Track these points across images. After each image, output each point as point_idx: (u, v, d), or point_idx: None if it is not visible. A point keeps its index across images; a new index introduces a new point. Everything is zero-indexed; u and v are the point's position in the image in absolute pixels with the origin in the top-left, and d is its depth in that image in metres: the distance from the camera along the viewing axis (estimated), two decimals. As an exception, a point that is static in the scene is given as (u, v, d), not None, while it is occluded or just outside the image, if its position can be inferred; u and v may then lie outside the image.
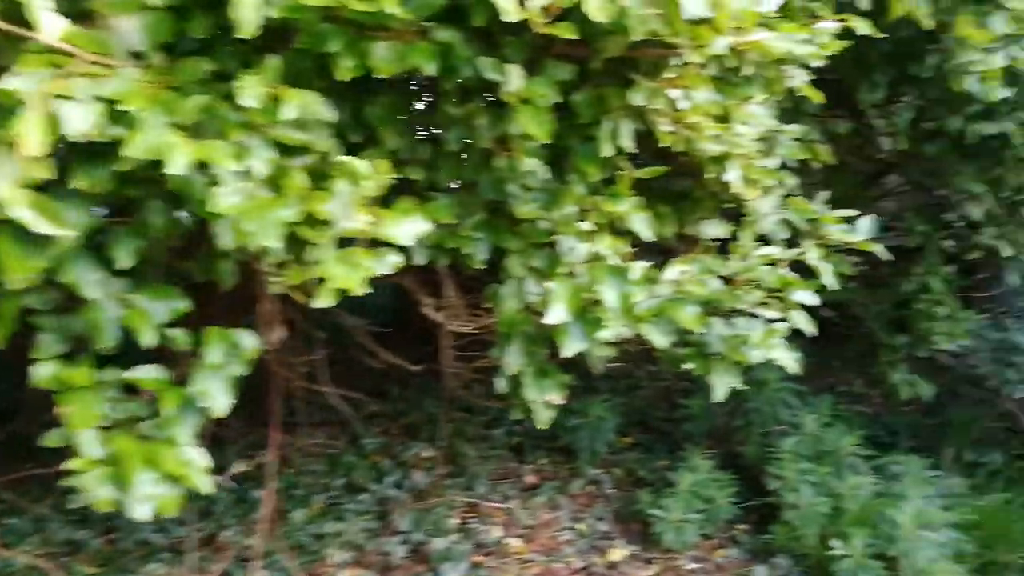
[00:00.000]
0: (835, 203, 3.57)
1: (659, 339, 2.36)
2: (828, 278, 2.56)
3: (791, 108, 3.07)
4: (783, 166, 3.06)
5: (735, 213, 2.94)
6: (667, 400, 5.79)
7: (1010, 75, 3.58)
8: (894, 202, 5.84)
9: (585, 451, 4.76)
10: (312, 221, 1.87)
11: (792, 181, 3.16)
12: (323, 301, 1.83)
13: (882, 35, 2.56)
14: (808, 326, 2.49)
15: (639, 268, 2.40)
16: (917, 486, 3.95)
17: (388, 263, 1.89)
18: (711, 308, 2.51)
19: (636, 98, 2.18)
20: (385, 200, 1.96)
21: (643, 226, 2.33)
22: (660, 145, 2.28)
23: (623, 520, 4.29)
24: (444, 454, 4.71)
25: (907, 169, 4.60)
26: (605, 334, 2.24)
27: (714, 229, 2.72)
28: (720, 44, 2.04)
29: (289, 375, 3.62)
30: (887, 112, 3.70)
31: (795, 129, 2.90)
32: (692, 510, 4.02)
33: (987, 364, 4.87)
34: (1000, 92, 3.01)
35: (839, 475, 4.07)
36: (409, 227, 1.86)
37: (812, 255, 2.56)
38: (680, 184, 2.96)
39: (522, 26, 1.86)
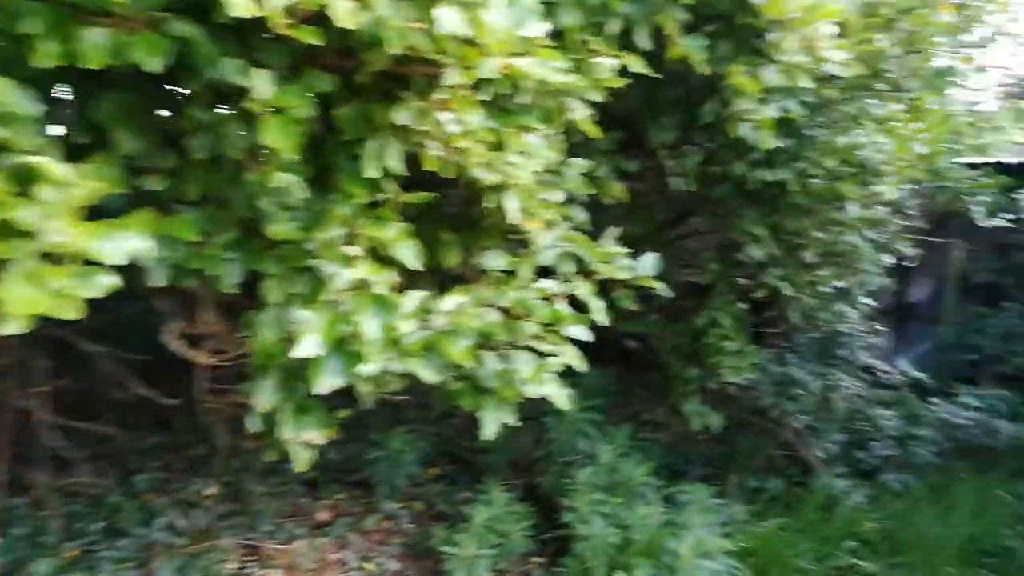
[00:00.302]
0: (638, 240, 3.64)
1: (428, 374, 2.24)
2: (599, 315, 2.53)
3: (581, 143, 3.07)
4: (571, 200, 3.06)
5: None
6: (478, 429, 5.71)
7: (786, 126, 3.82)
8: (698, 241, 6.14)
9: (384, 485, 4.57)
10: (6, 232, 1.59)
11: (582, 216, 3.16)
12: (9, 327, 1.55)
13: (657, 76, 2.61)
14: (578, 362, 2.45)
15: (415, 298, 2.27)
16: (701, 515, 4.06)
17: (98, 285, 1.64)
18: (486, 342, 2.41)
19: (401, 117, 2.06)
20: (124, 212, 1.72)
21: (409, 254, 2.20)
22: (432, 169, 2.17)
23: (417, 557, 4.12)
24: (228, 491, 4.35)
25: (701, 210, 4.80)
26: (367, 368, 2.09)
27: (496, 260, 2.64)
28: (488, 67, 1.96)
29: (29, 404, 3.18)
30: (679, 154, 3.83)
31: (581, 164, 2.89)
32: (486, 545, 3.92)
33: (770, 396, 5.15)
34: (773, 141, 3.16)
35: (630, 506, 4.12)
36: (120, 244, 1.62)
37: (582, 290, 2.53)
38: (470, 212, 2.88)
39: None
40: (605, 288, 2.95)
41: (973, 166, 5.91)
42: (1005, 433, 5.46)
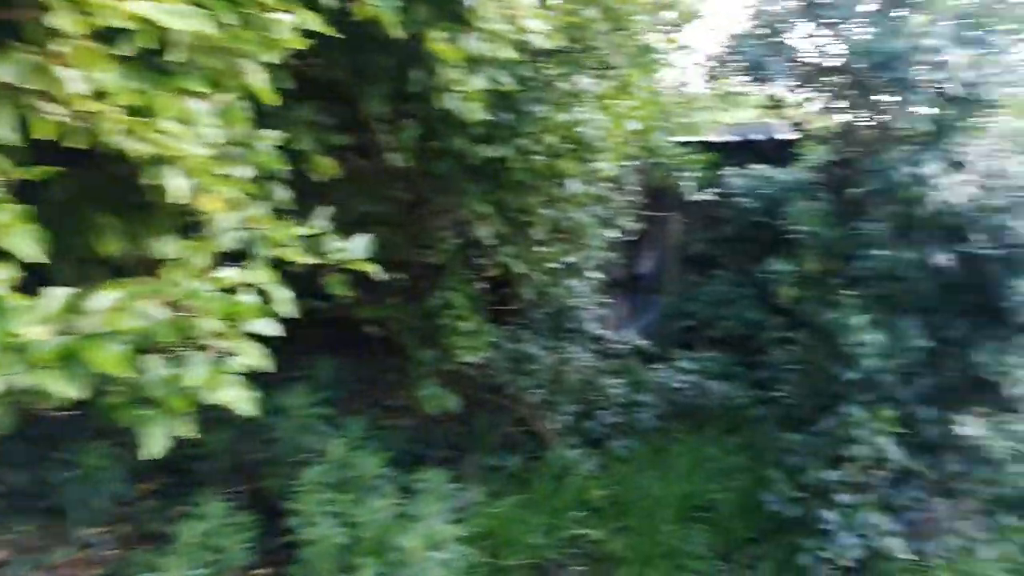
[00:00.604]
0: (374, 220, 3.38)
1: (67, 388, 1.84)
2: (285, 306, 2.25)
3: (279, 114, 2.75)
4: (271, 178, 2.75)
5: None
6: (197, 435, 5.18)
7: (505, 101, 3.76)
8: (435, 221, 6.01)
9: (79, 510, 3.96)
10: None
11: (284, 194, 2.87)
12: None
13: (341, 36, 2.36)
14: (262, 361, 2.15)
15: (54, 297, 1.86)
16: (436, 503, 3.94)
17: None
18: (151, 344, 2.05)
19: (3, 73, 1.63)
20: None
21: (26, 243, 1.77)
22: (47, 136, 1.76)
23: (117, 589, 3.62)
24: None
25: (428, 188, 4.64)
26: (-21, 386, 1.66)
27: (167, 247, 2.27)
28: (109, 12, 1.60)
29: None
30: (395, 127, 3.62)
31: (274, 136, 2.58)
32: (198, 564, 3.51)
33: (505, 373, 5.17)
34: (482, 113, 3.05)
35: (362, 502, 3.90)
36: None
37: (262, 278, 2.23)
38: (138, 192, 2.47)
39: None
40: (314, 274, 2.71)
41: (684, 144, 6.36)
42: (716, 393, 5.95)
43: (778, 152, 7.06)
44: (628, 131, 4.92)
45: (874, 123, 4.75)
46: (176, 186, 2.08)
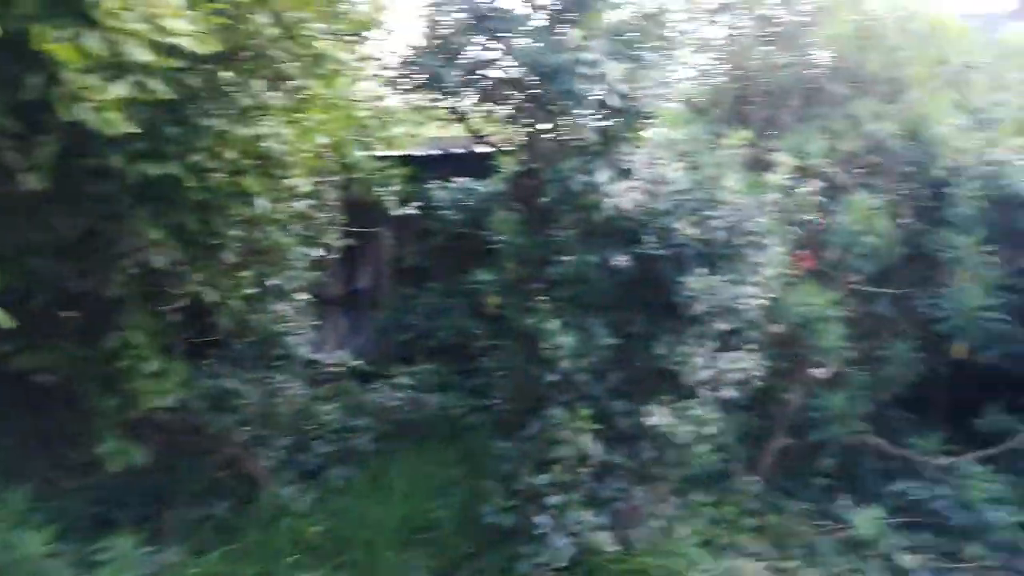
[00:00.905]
0: (30, 250, 2.74)
1: None
2: None
3: None
4: None
5: None
6: None
7: (168, 110, 3.37)
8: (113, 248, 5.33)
9: None
10: None
11: None
12: None
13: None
14: None
15: None
16: (122, 573, 3.44)
17: None
18: None
19: None
20: None
21: None
22: None
23: None
24: None
25: (87, 211, 4.04)
26: None
27: None
28: None
29: None
30: (28, 143, 3.06)
31: None
32: None
33: (205, 413, 4.70)
34: (124, 126, 2.65)
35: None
36: None
37: None
38: None
39: None
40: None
41: (385, 158, 6.27)
42: (433, 405, 5.92)
43: (479, 164, 7.26)
44: (319, 145, 4.72)
45: (552, 134, 4.99)
46: None
